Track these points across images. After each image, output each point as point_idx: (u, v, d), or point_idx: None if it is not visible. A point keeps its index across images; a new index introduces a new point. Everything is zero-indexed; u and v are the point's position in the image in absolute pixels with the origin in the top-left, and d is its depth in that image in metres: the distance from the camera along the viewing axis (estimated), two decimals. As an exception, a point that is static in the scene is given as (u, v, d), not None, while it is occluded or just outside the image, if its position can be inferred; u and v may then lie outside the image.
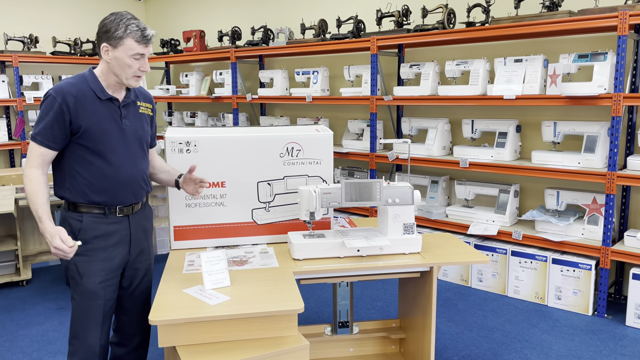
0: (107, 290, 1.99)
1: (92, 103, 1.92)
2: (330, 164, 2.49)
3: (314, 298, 3.65)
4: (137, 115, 2.05)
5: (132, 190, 2.03)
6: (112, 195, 1.97)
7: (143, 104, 2.09)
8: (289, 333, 1.84)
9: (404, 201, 2.28)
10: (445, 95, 3.91)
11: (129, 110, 2.02)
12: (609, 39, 3.52)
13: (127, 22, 1.89)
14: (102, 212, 1.97)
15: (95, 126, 1.91)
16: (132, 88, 2.03)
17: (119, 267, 2.04)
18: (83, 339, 1.97)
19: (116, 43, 1.89)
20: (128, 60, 1.90)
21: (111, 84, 1.97)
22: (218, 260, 1.98)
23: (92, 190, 1.94)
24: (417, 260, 2.24)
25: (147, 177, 2.12)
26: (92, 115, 1.91)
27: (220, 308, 1.77)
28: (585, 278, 3.35)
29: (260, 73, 5.24)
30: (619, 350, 2.90)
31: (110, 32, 1.89)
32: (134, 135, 2.02)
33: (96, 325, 1.97)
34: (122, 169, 1.98)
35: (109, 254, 1.99)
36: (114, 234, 2.00)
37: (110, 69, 1.93)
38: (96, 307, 1.96)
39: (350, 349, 2.73)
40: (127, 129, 2.00)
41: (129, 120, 2.01)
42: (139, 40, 1.90)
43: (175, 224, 2.38)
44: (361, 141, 4.56)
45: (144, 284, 2.14)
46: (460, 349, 2.93)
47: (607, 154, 3.38)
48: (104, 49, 1.91)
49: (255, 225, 2.46)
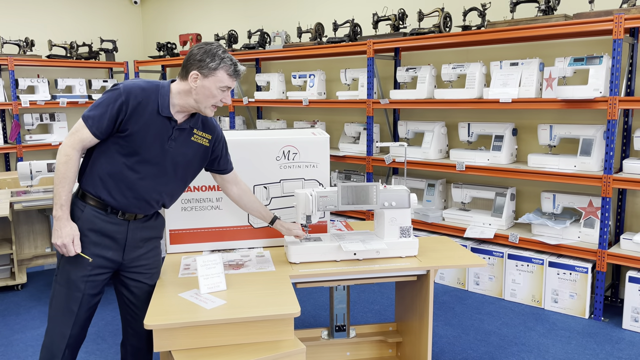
0: (89, 285, 1.97)
1: (150, 114, 1.92)
2: (326, 167, 2.48)
3: (310, 302, 3.64)
4: (187, 142, 2.03)
5: (141, 205, 2.00)
6: (120, 201, 1.95)
7: (200, 132, 2.06)
8: (285, 337, 1.83)
9: (401, 204, 2.28)
10: (442, 98, 3.92)
11: (182, 134, 2.00)
12: (604, 42, 3.53)
13: (223, 55, 1.93)
14: (104, 209, 1.96)
15: (141, 135, 1.91)
16: (197, 117, 2.03)
17: (109, 268, 2.01)
18: (56, 322, 1.99)
19: (208, 73, 1.91)
20: (215, 91, 1.93)
21: (182, 105, 1.96)
22: (214, 264, 1.97)
23: (103, 187, 1.94)
24: (414, 263, 2.24)
25: (164, 199, 2.07)
26: (144, 125, 1.91)
27: (216, 312, 1.76)
28: (582, 281, 3.35)
29: (257, 76, 5.24)
30: (615, 353, 2.90)
31: (205, 62, 1.90)
32: (173, 159, 2.00)
33: (70, 314, 1.97)
34: (142, 183, 1.96)
35: (100, 250, 1.97)
36: (109, 234, 1.98)
37: (192, 95, 1.93)
38: (74, 298, 1.96)
39: (347, 352, 2.72)
40: (170, 150, 1.98)
41: (176, 143, 1.99)
42: (230, 74, 1.94)
43: (171, 227, 2.37)
44: (358, 144, 4.56)
45: (146, 288, 2.10)
46: (457, 353, 2.92)
47: (603, 157, 3.38)
48: (193, 76, 1.92)
49: (252, 229, 2.45)
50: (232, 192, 2.24)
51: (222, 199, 2.39)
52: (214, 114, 2.01)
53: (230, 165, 2.22)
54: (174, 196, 2.12)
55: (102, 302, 2.60)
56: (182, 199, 2.35)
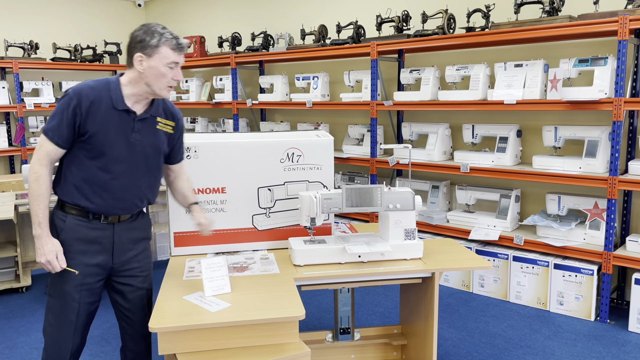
0: (84, 294, 1.96)
1: (107, 111, 1.89)
2: (330, 169, 2.48)
3: (314, 304, 3.63)
4: (152, 131, 2.00)
5: (120, 204, 1.98)
6: (100, 205, 1.94)
7: (164, 120, 2.04)
8: (289, 340, 1.83)
9: (405, 207, 2.27)
10: (446, 100, 3.91)
11: (145, 125, 1.98)
12: (609, 43, 3.52)
13: (162, 30, 1.90)
14: (86, 216, 1.94)
15: (102, 134, 1.89)
16: (157, 104, 2.01)
17: (100, 274, 2.00)
18: (56, 336, 1.97)
19: (151, 52, 1.88)
20: (163, 69, 1.89)
21: (137, 94, 1.93)
22: (218, 267, 1.97)
23: (80, 194, 1.92)
24: (419, 266, 2.23)
25: (146, 194, 2.05)
26: (102, 123, 1.88)
27: (221, 315, 1.76)
28: (588, 283, 3.33)
29: (261, 79, 5.25)
30: (621, 356, 2.88)
31: (146, 42, 1.88)
32: (141, 150, 1.98)
33: (69, 326, 1.96)
34: (117, 182, 1.94)
35: (88, 258, 1.95)
36: (95, 240, 1.96)
37: (143, 79, 1.90)
38: (71, 309, 1.95)
39: (351, 355, 2.71)
40: (136, 143, 1.96)
41: (140, 134, 1.96)
42: (174, 48, 1.90)
43: (176, 230, 2.37)
44: (361, 146, 4.56)
45: (140, 292, 2.09)
46: (462, 355, 2.91)
47: (608, 159, 3.37)
48: (138, 59, 1.89)
49: (256, 231, 2.45)
50: (171, 182, 2.20)
51: (226, 201, 2.39)
52: (170, 94, 1.95)
53: (181, 154, 2.18)
54: (154, 188, 2.09)
55: (105, 305, 2.60)
56: (187, 202, 2.34)
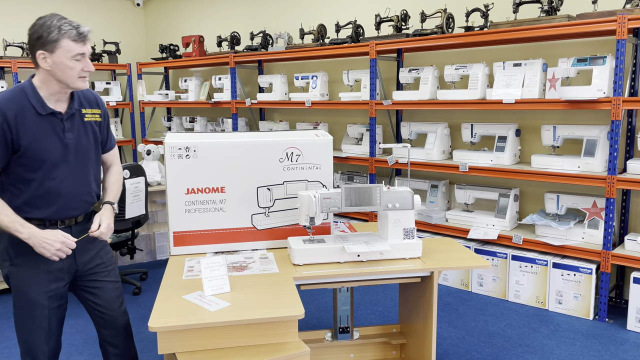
0: (52, 299, 1.96)
1: (33, 119, 1.82)
2: (330, 168, 2.48)
3: (314, 303, 3.63)
4: (82, 126, 1.96)
5: (74, 205, 1.96)
6: (53, 211, 1.91)
7: (89, 110, 1.99)
8: (289, 339, 1.83)
9: (404, 206, 2.27)
10: (445, 99, 3.91)
11: (74, 122, 1.93)
12: (607, 43, 3.52)
13: (59, 22, 1.79)
14: (42, 224, 1.92)
15: (36, 144, 1.82)
16: (77, 96, 1.95)
17: (65, 278, 1.99)
18: (31, 344, 1.97)
19: (52, 47, 1.78)
20: (69, 62, 1.81)
21: (54, 92, 1.86)
22: (218, 266, 1.97)
23: (31, 207, 1.89)
24: (418, 265, 2.23)
25: (94, 189, 2.04)
26: (33, 132, 1.82)
27: (220, 314, 1.76)
28: (586, 282, 3.34)
29: (260, 78, 5.25)
30: (620, 354, 2.88)
31: (44, 37, 1.78)
32: (78, 148, 1.94)
33: (42, 331, 1.96)
34: (65, 184, 1.92)
35: (51, 265, 1.94)
36: None
37: (52, 76, 1.83)
38: (41, 316, 1.95)
39: (350, 354, 2.72)
40: (71, 142, 1.91)
41: (73, 133, 1.92)
42: (75, 39, 1.81)
43: (175, 229, 2.37)
44: (360, 146, 4.56)
45: (111, 287, 2.09)
46: (461, 354, 2.91)
47: (606, 158, 3.38)
48: (41, 57, 1.80)
49: (255, 231, 2.45)
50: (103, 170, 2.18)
51: (225, 200, 2.39)
52: (87, 84, 1.90)
53: (112, 140, 2.15)
54: (98, 180, 2.08)
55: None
56: (186, 201, 2.35)
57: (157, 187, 4.41)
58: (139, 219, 3.77)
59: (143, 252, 4.62)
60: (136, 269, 4.26)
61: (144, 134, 6.42)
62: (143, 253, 4.62)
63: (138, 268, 4.39)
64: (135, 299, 3.77)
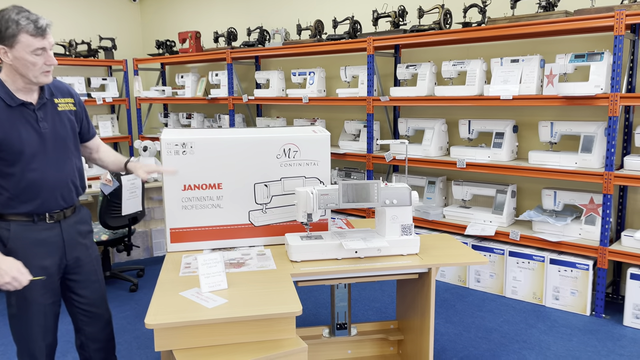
0: (47, 296, 1.96)
1: (3, 112, 1.81)
2: (327, 165, 2.47)
3: (311, 300, 3.63)
4: (56, 114, 1.94)
5: (60, 194, 1.95)
6: (39, 203, 1.90)
7: (62, 100, 1.97)
8: (286, 336, 1.83)
9: (402, 202, 2.27)
10: (442, 95, 3.90)
11: (47, 111, 1.92)
12: (605, 39, 3.52)
13: (17, 16, 1.74)
14: (31, 219, 1.90)
15: (12, 137, 1.81)
16: (47, 86, 1.93)
17: (56, 273, 1.99)
18: (28, 341, 1.96)
19: (11, 42, 1.75)
20: (30, 57, 1.77)
21: (20, 86, 1.85)
22: (215, 263, 1.96)
23: (17, 201, 1.87)
24: (415, 261, 2.23)
25: (77, 178, 2.04)
26: (6, 124, 1.80)
27: (218, 311, 1.75)
28: (583, 278, 3.35)
29: (257, 74, 5.23)
30: (617, 350, 2.89)
31: (2, 32, 1.74)
32: (55, 137, 1.93)
33: (39, 328, 1.96)
34: (46, 174, 1.90)
35: (43, 260, 1.93)
36: (45, 241, 1.93)
37: (16, 71, 1.81)
38: (37, 312, 1.95)
39: (348, 350, 2.72)
40: (47, 132, 1.90)
41: (47, 122, 1.90)
42: (34, 34, 1.76)
43: (172, 226, 2.36)
44: (358, 142, 4.55)
45: (97, 284, 2.09)
46: (458, 350, 2.92)
47: (604, 154, 3.38)
48: (2, 51, 1.77)
49: (252, 227, 2.44)
50: (95, 157, 2.19)
51: (222, 197, 2.38)
52: (50, 78, 1.88)
53: (93, 129, 2.14)
54: (81, 170, 2.07)
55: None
56: (183, 198, 2.34)
57: (154, 184, 4.39)
58: (135, 215, 3.75)
59: (140, 248, 4.61)
60: (133, 266, 4.24)
61: (140, 131, 6.39)
62: (140, 250, 4.61)
63: (135, 265, 4.38)
64: (131, 296, 3.76)
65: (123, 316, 3.39)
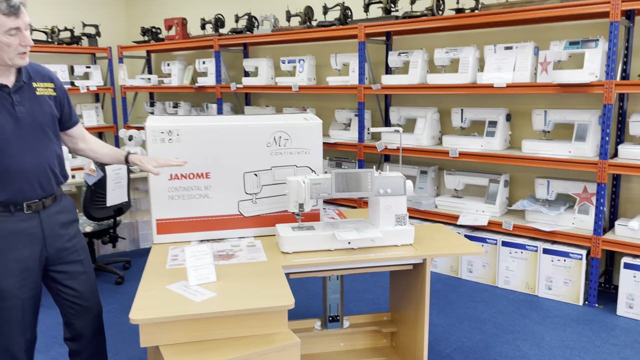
0: (25, 289, 1.88)
1: None
2: (319, 153, 2.40)
3: (303, 291, 3.57)
4: (34, 98, 1.85)
5: (37, 182, 1.87)
6: (14, 192, 1.82)
7: (41, 84, 1.89)
8: (278, 330, 1.76)
9: (396, 192, 2.21)
10: (435, 83, 3.84)
11: (24, 95, 1.83)
12: (599, 25, 3.47)
13: None
14: (7, 209, 1.82)
15: None
16: (25, 70, 1.85)
17: (35, 266, 1.90)
18: (5, 337, 1.88)
19: None
20: (3, 38, 1.70)
21: None
22: (203, 255, 1.88)
23: None
24: (410, 252, 2.17)
25: (57, 166, 1.95)
26: None
27: (206, 305, 1.68)
28: (576, 268, 3.32)
29: (245, 62, 5.12)
30: (611, 340, 2.87)
31: None
32: (32, 122, 1.84)
33: (17, 324, 1.88)
34: (22, 161, 1.82)
35: (20, 253, 1.85)
36: (23, 232, 1.85)
37: None
38: (14, 307, 1.86)
39: (340, 343, 2.66)
40: (24, 116, 1.82)
41: (24, 106, 1.82)
42: (6, 13, 1.68)
43: (158, 217, 2.28)
44: (349, 131, 4.48)
45: (85, 276, 2.02)
46: (452, 342, 2.88)
47: (598, 143, 3.34)
48: None
49: (242, 218, 2.36)
50: (83, 148, 2.11)
51: (210, 187, 2.30)
52: (27, 60, 1.80)
53: (75, 116, 2.07)
54: (61, 158, 1.98)
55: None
56: (169, 187, 2.25)
57: (140, 174, 4.28)
58: (120, 206, 3.65)
59: (126, 240, 4.51)
60: (119, 258, 4.14)
61: (126, 120, 6.25)
62: (126, 241, 4.51)
63: (121, 257, 4.28)
64: (117, 289, 3.67)
65: (109, 310, 3.30)
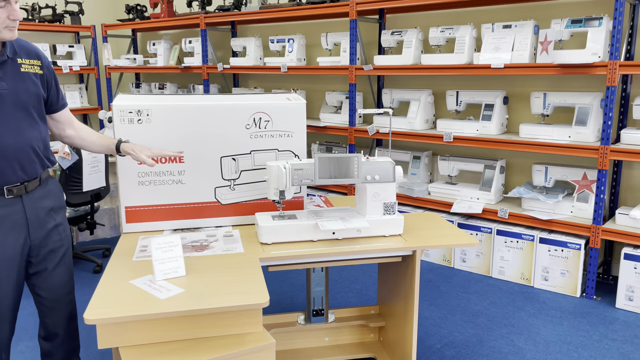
0: (6, 281, 1.74)
1: None
2: (303, 136, 2.23)
3: (288, 282, 3.42)
4: (18, 75, 1.73)
5: (19, 165, 1.72)
6: None
7: (26, 61, 1.77)
8: (252, 329, 1.60)
9: (385, 178, 2.04)
10: (429, 64, 3.65)
11: (6, 70, 1.70)
12: (603, 3, 3.28)
13: None
14: None
15: None
16: (9, 45, 1.72)
17: (17, 255, 1.76)
18: None
19: None
20: None
21: None
22: (171, 247, 1.72)
23: None
24: (399, 243, 2.01)
25: (41, 148, 1.80)
26: None
27: (171, 302, 1.52)
28: (574, 258, 3.18)
29: (232, 41, 4.90)
30: (610, 334, 2.74)
31: None
32: (14, 99, 1.70)
33: None
34: (4, 141, 1.68)
35: (1, 241, 1.71)
36: (5, 218, 1.71)
37: None
38: None
39: (325, 338, 2.52)
40: (5, 92, 1.68)
41: (6, 82, 1.69)
42: None
43: (127, 204, 2.11)
44: (340, 114, 4.30)
45: (61, 267, 1.89)
46: (443, 336, 2.74)
47: (599, 127, 3.18)
48: None
49: (219, 206, 2.20)
50: (70, 134, 1.96)
51: (184, 172, 2.12)
52: (15, 34, 1.67)
53: (63, 99, 1.92)
54: (46, 140, 1.83)
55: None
56: (139, 172, 2.07)
57: (121, 158, 4.10)
58: (98, 191, 3.48)
59: (106, 227, 4.34)
60: (98, 245, 3.98)
61: (110, 101, 6.03)
62: (106, 228, 4.34)
63: (100, 244, 4.11)
64: (95, 278, 3.51)
65: (85, 300, 3.14)
